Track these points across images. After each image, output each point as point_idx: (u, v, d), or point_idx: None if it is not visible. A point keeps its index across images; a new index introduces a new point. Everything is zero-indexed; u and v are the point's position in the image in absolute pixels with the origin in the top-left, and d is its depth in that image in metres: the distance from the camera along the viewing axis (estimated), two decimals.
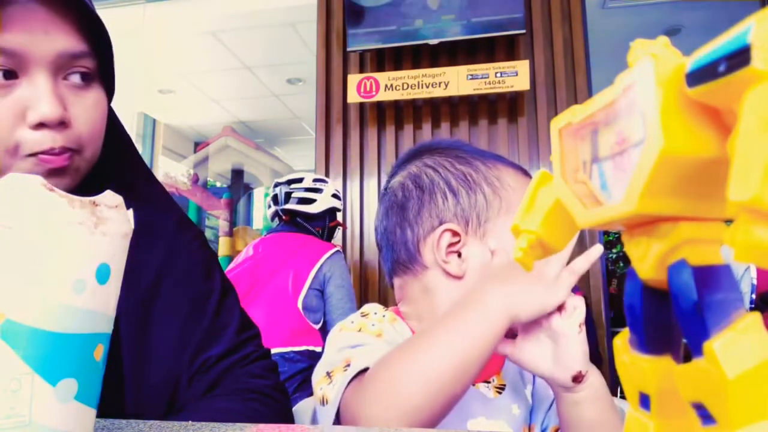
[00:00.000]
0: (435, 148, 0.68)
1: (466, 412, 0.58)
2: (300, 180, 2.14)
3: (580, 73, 3.09)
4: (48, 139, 0.53)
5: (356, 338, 0.60)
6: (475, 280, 0.58)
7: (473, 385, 0.61)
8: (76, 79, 0.56)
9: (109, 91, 0.62)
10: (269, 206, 2.20)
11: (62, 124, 0.54)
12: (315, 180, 2.16)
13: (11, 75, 0.53)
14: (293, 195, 2.10)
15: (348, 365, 0.55)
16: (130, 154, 0.72)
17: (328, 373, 0.57)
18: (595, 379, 0.51)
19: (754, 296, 2.60)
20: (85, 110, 0.57)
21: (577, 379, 0.50)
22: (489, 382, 0.63)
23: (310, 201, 2.09)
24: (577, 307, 0.51)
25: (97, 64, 0.59)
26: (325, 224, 2.13)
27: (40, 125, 0.53)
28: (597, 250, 0.53)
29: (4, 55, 0.51)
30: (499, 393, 0.62)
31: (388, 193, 0.69)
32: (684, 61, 0.18)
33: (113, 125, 0.67)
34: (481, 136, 3.18)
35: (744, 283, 2.62)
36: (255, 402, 0.65)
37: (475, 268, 0.60)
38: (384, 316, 0.65)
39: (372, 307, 0.68)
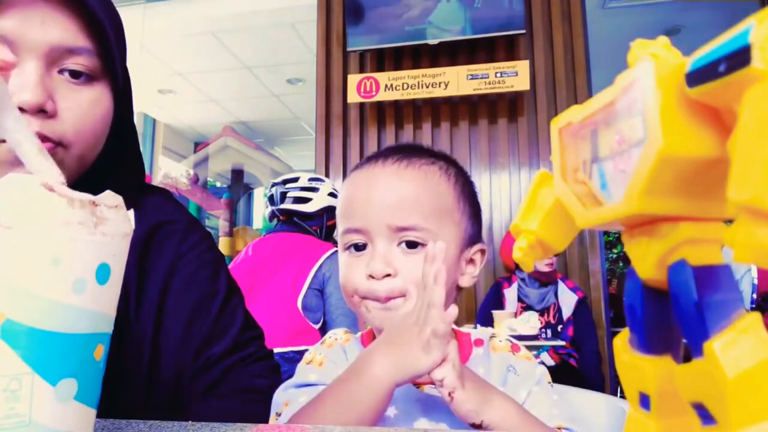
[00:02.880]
0: None
1: (407, 416, 0.59)
2: (295, 179, 2.14)
3: (580, 73, 3.09)
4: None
5: (302, 374, 0.65)
6: None
7: (417, 387, 0.62)
8: (73, 74, 0.56)
9: (119, 93, 0.62)
10: (267, 207, 2.20)
11: (43, 113, 0.54)
12: (311, 179, 2.15)
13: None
14: (288, 195, 2.09)
15: (280, 414, 0.60)
16: (140, 159, 0.72)
17: (276, 413, 0.61)
18: (496, 423, 0.53)
19: (755, 296, 2.59)
20: (78, 106, 0.57)
21: (474, 426, 0.53)
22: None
23: (306, 200, 2.09)
24: (443, 378, 0.52)
25: (102, 64, 0.59)
26: (322, 223, 2.12)
27: (19, 110, 0.53)
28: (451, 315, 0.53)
29: None
30: (451, 394, 0.62)
31: None
32: (684, 61, 0.18)
33: (129, 131, 0.68)
34: (481, 136, 3.18)
35: (745, 282, 2.62)
36: (256, 402, 0.65)
37: None
38: (338, 339, 0.69)
39: (332, 332, 0.72)
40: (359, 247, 0.63)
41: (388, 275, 0.60)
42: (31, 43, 0.53)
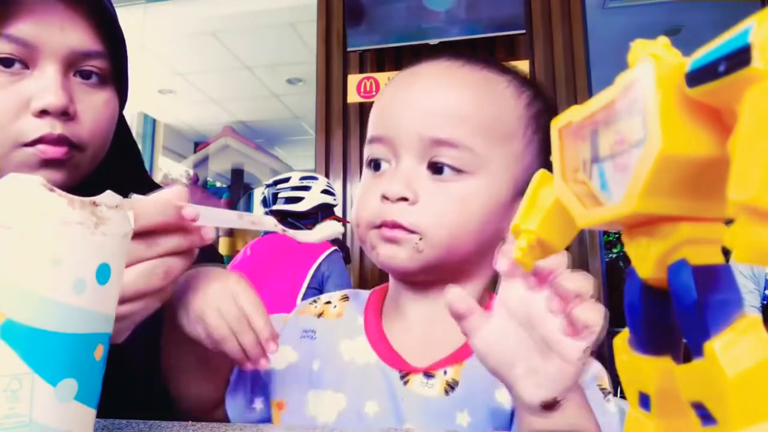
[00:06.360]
0: None
1: (386, 417, 0.47)
2: (287, 180, 2.14)
3: (580, 73, 3.08)
4: (47, 125, 0.54)
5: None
6: None
7: (404, 382, 0.48)
8: (86, 76, 0.58)
9: (122, 96, 0.64)
10: (262, 208, 2.21)
11: (65, 115, 0.55)
12: (302, 178, 2.15)
13: (21, 65, 0.54)
14: (280, 195, 2.10)
15: None
16: (138, 160, 0.73)
17: None
18: (572, 412, 0.36)
19: (767, 292, 2.57)
20: (93, 108, 0.58)
21: (550, 406, 0.34)
22: (432, 376, 0.48)
23: (298, 200, 2.09)
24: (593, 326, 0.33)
25: (111, 66, 0.60)
26: (317, 221, 2.13)
27: (43, 113, 0.54)
28: None
29: (17, 45, 0.53)
30: (448, 392, 0.47)
31: None
32: (684, 61, 0.18)
33: (123, 132, 0.69)
34: None
35: (760, 278, 2.59)
36: None
37: None
38: (335, 306, 0.62)
39: (327, 297, 0.65)
40: (379, 166, 0.51)
41: (405, 199, 0.47)
42: (52, 48, 0.54)
